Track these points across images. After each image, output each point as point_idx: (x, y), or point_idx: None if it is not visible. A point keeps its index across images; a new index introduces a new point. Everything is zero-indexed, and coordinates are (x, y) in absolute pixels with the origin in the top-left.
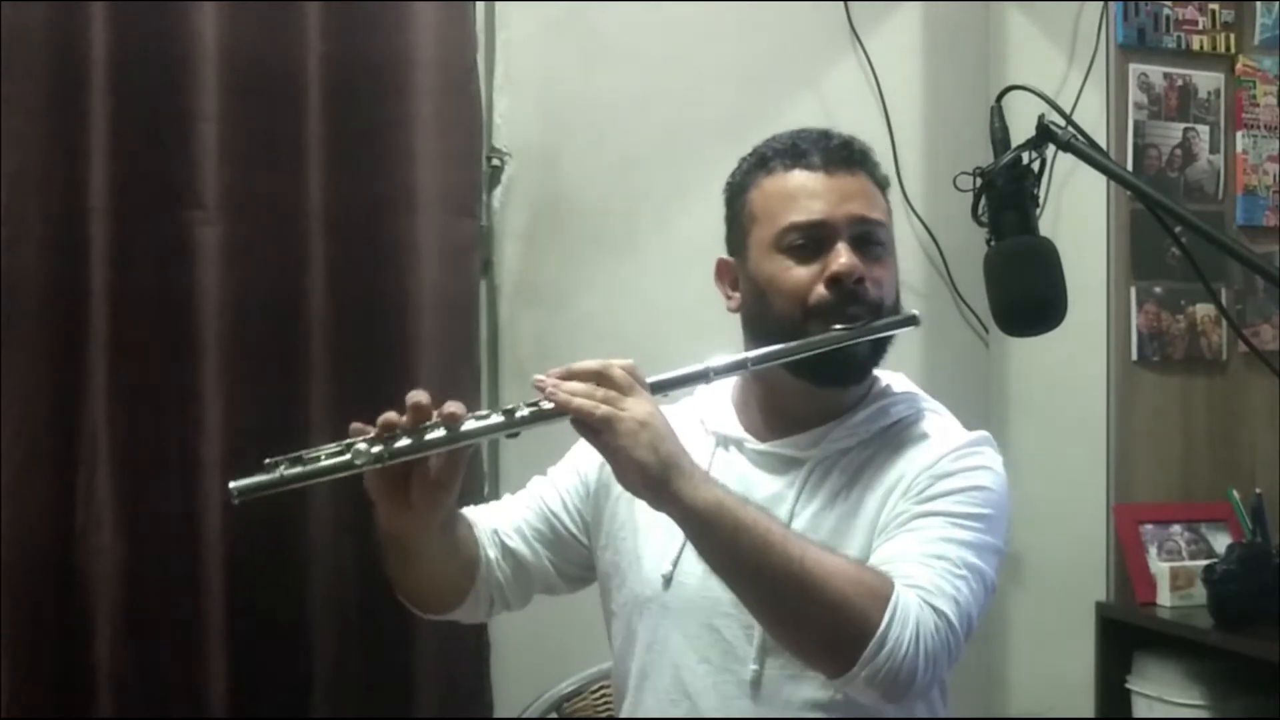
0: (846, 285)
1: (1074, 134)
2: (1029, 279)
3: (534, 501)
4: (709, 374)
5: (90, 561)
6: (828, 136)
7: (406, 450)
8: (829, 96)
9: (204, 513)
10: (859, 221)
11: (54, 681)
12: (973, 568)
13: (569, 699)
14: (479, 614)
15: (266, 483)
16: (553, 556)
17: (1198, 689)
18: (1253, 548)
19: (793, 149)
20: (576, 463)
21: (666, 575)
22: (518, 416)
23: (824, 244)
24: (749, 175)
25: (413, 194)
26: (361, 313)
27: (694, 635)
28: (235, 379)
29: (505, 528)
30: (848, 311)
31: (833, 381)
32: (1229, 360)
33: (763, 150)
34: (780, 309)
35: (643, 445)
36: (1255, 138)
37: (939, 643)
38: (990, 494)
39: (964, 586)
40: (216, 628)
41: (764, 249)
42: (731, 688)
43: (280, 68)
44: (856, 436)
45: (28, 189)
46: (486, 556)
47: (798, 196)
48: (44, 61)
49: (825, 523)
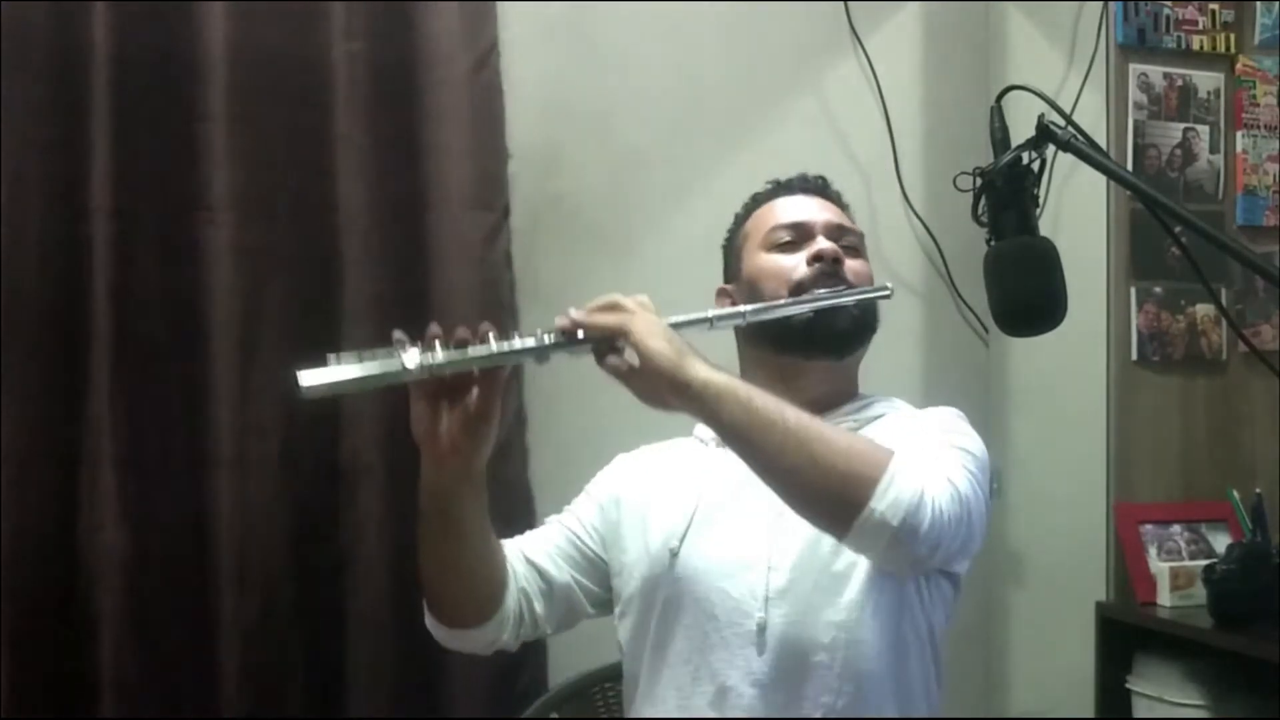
0: (827, 260)
1: (1074, 134)
2: (1029, 279)
3: (557, 527)
4: (711, 321)
5: (93, 560)
6: (805, 176)
7: (450, 361)
8: (829, 96)
9: (208, 512)
10: (835, 227)
11: (56, 681)
12: (970, 475)
13: (569, 699)
14: (505, 633)
15: (330, 382)
16: (576, 574)
17: (1198, 689)
18: (1253, 548)
19: (777, 186)
20: (590, 491)
21: (674, 550)
22: (546, 342)
23: (805, 239)
24: (740, 219)
25: (438, 190)
26: (385, 309)
27: (702, 597)
28: (241, 378)
29: (531, 548)
30: (828, 283)
31: (819, 350)
32: (1229, 360)
33: (753, 195)
34: (770, 291)
35: (656, 337)
36: (1255, 138)
37: (945, 497)
38: (975, 443)
39: (966, 476)
40: (222, 627)
41: (754, 252)
42: (738, 638)
43: (295, 66)
44: (843, 424)
45: (29, 189)
46: (514, 571)
47: (783, 208)
48: (45, 60)
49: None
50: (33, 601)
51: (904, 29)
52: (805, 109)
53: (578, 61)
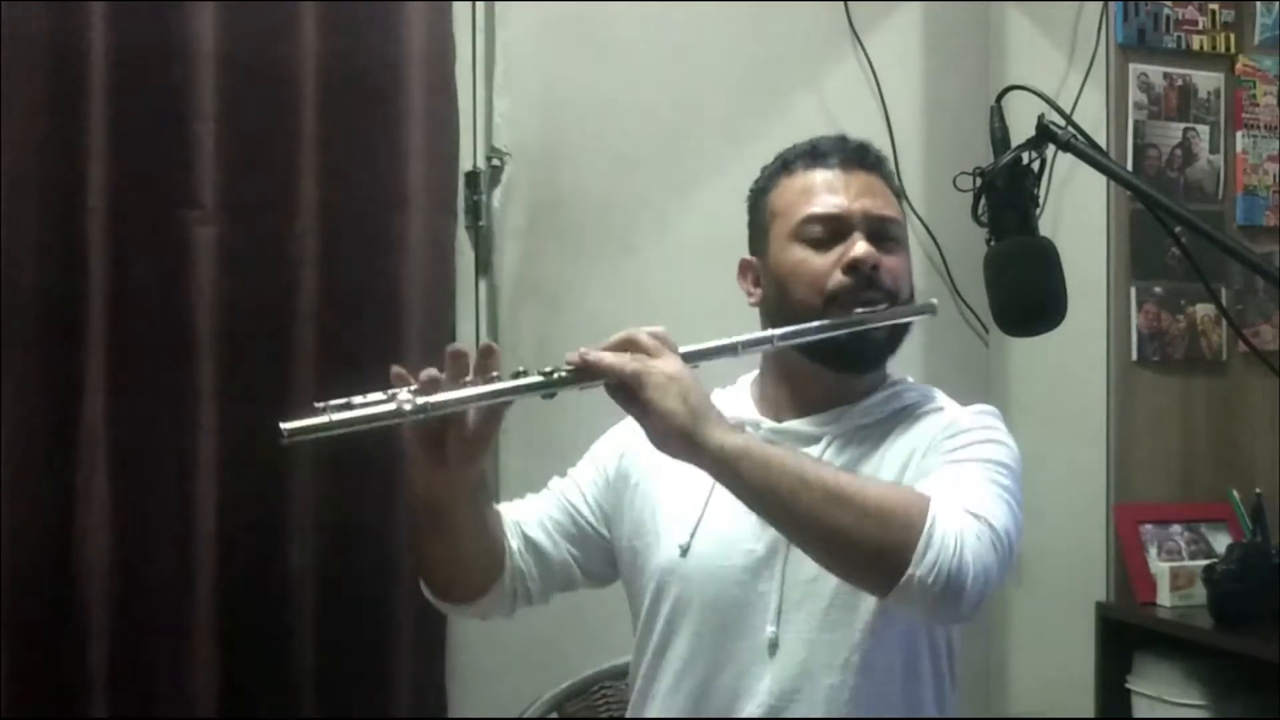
0: (863, 271)
1: (1074, 134)
2: (1029, 279)
3: (555, 497)
4: (737, 348)
5: (88, 562)
6: (845, 140)
7: (448, 404)
8: (829, 96)
9: (202, 514)
10: (874, 216)
11: (51, 682)
12: (1008, 492)
13: (569, 699)
14: (503, 606)
15: (316, 425)
16: (573, 549)
17: (1198, 689)
18: (1253, 548)
19: (812, 150)
20: (595, 457)
21: (684, 545)
22: (555, 377)
23: (841, 235)
24: (771, 178)
25: (401, 192)
26: (352, 311)
27: (711, 602)
28: (232, 379)
29: (527, 520)
30: (864, 296)
31: (850, 365)
32: (1229, 360)
33: (784, 155)
34: (800, 296)
35: (671, 395)
36: (1255, 138)
37: (985, 546)
38: (1009, 451)
39: (1002, 507)
40: (213, 629)
41: (784, 241)
42: (748, 652)
43: (275, 68)
44: (873, 416)
45: (26, 189)
46: (510, 548)
47: (817, 191)
48: (43, 62)
49: None
50: (28, 602)
51: (904, 29)
52: (805, 109)
53: (577, 61)
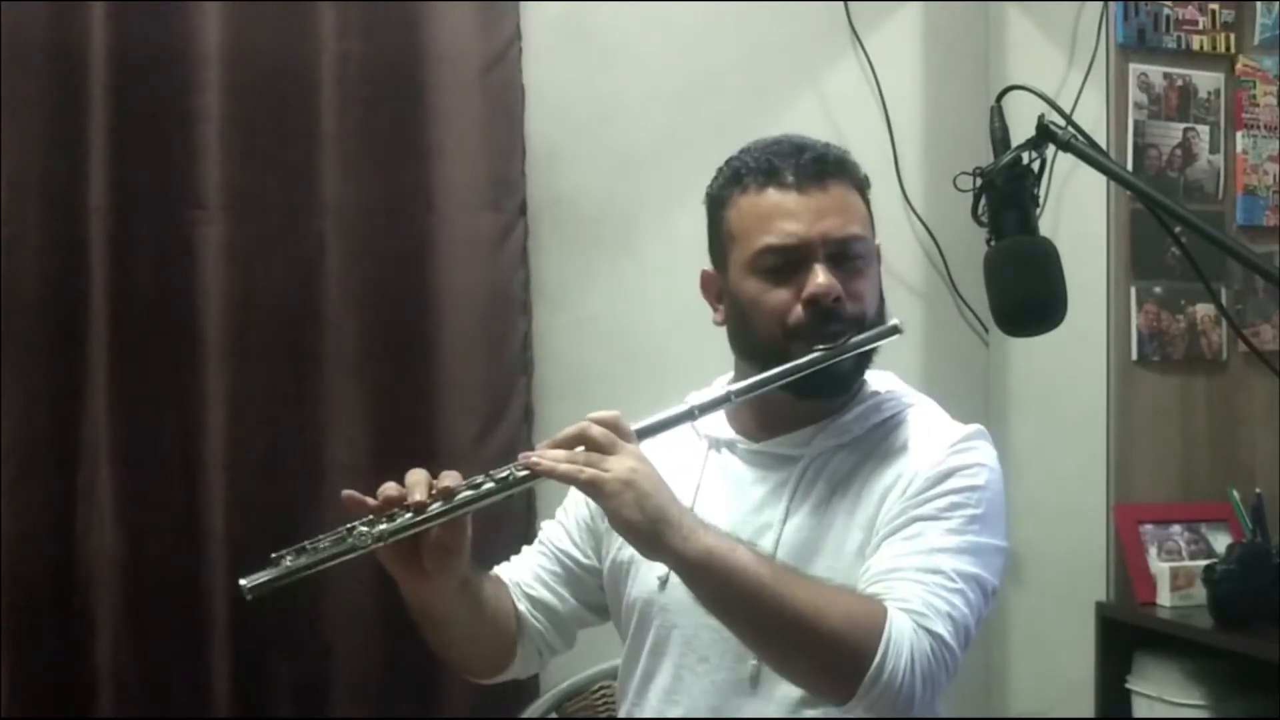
0: (824, 305)
1: (1074, 134)
2: (1029, 279)
3: (545, 547)
4: (694, 412)
5: (91, 561)
6: (800, 150)
7: (405, 526)
8: (829, 96)
9: (205, 513)
10: (834, 240)
11: (54, 681)
12: (969, 577)
13: (569, 699)
14: (531, 665)
15: (275, 576)
16: (576, 594)
17: (1198, 689)
18: (1253, 548)
19: (767, 166)
20: (575, 492)
21: (662, 577)
22: (510, 480)
23: (800, 265)
24: (725, 190)
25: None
26: (358, 311)
27: (692, 635)
28: (237, 378)
29: (526, 580)
30: (827, 330)
31: (818, 394)
32: (1229, 360)
33: (738, 165)
34: (761, 330)
35: (628, 505)
36: (1255, 138)
37: (936, 664)
38: (985, 493)
39: (959, 601)
40: (217, 628)
41: (742, 270)
42: (730, 686)
43: (289, 67)
44: (850, 434)
45: (28, 188)
46: (518, 611)
47: (772, 217)
48: (44, 61)
49: (820, 519)
50: (32, 600)
51: (904, 29)
52: (805, 109)
53: (579, 62)
